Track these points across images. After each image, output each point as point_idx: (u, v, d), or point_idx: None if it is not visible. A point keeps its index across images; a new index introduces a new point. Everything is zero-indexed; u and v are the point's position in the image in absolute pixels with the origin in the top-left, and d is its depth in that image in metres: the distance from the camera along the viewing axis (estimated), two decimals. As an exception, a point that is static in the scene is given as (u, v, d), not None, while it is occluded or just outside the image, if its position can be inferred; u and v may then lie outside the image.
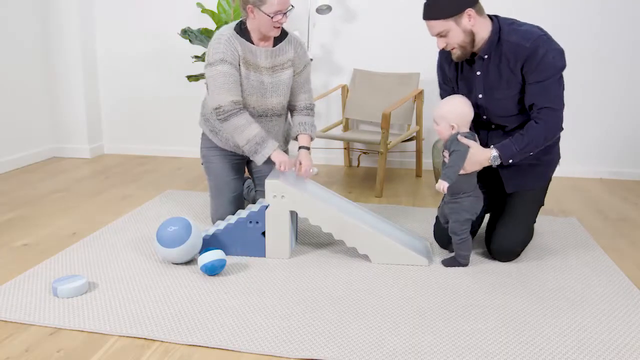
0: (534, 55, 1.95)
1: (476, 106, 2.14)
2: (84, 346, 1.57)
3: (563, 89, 2.02)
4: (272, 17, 2.18)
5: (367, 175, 3.67)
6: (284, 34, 2.38)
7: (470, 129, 2.10)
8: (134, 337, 1.62)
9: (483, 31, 2.00)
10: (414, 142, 3.84)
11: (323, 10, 3.49)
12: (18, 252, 2.25)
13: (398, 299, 1.86)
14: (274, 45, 2.34)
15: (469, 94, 2.14)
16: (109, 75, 4.16)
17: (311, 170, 2.32)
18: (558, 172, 3.70)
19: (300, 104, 2.47)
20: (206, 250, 2.01)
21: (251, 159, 2.20)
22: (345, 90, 3.72)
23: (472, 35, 1.99)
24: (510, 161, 2.04)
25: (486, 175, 2.30)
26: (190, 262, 2.15)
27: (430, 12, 1.95)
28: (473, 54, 2.07)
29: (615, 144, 3.63)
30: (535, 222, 2.30)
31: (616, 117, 3.58)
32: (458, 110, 2.03)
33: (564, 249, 2.33)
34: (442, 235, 2.32)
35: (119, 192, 3.15)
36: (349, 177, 3.61)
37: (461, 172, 2.02)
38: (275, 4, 2.16)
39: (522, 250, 2.18)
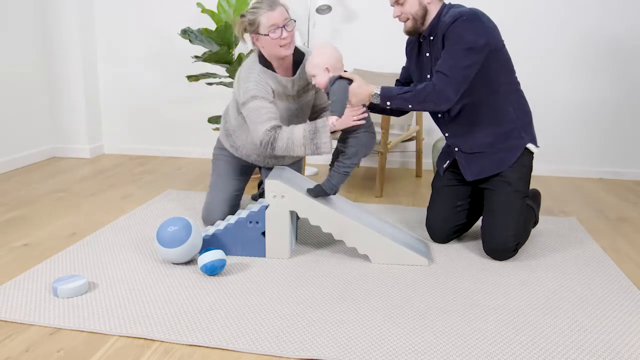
0: (449, 29, 2.04)
1: None
2: (84, 346, 1.57)
3: (468, 66, 2.00)
4: (269, 35, 2.14)
5: (367, 175, 3.67)
6: (301, 55, 2.34)
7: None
8: (134, 337, 1.62)
9: (433, 12, 2.14)
10: (414, 142, 3.84)
11: (323, 10, 3.49)
12: (18, 252, 2.25)
13: (398, 299, 1.86)
14: (293, 73, 2.33)
15: (422, 77, 2.26)
16: (109, 75, 4.16)
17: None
18: (558, 172, 3.71)
19: (322, 108, 2.53)
20: (206, 250, 2.01)
21: (322, 153, 2.15)
22: (345, 90, 3.71)
23: (424, 11, 2.13)
24: (388, 103, 2.09)
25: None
26: (190, 262, 2.15)
27: None
28: (422, 35, 2.20)
29: (615, 144, 3.63)
30: (529, 217, 2.30)
31: (616, 117, 3.59)
32: (327, 54, 2.09)
33: (563, 249, 2.33)
34: (437, 229, 2.33)
35: (119, 192, 3.15)
36: (349, 177, 3.61)
37: (348, 106, 2.08)
38: (265, 21, 2.13)
39: (516, 245, 2.16)
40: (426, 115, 3.75)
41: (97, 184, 3.33)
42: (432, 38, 2.15)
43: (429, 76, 2.21)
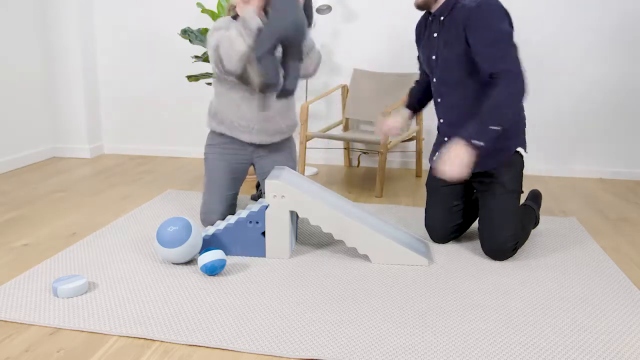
0: (474, 16, 1.99)
1: (429, 67, 2.23)
2: (84, 346, 1.57)
3: (512, 45, 1.97)
4: None
5: (367, 175, 3.67)
6: None
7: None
8: (134, 337, 1.62)
9: None
10: (414, 142, 3.84)
11: (323, 10, 3.49)
12: (18, 252, 2.25)
13: (398, 299, 1.86)
14: None
15: (426, 57, 2.23)
16: (108, 75, 4.16)
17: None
18: (558, 172, 3.71)
19: None
20: (206, 250, 2.01)
21: (255, 28, 2.19)
22: (345, 90, 3.72)
23: None
24: (482, 144, 1.92)
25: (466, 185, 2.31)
26: (190, 262, 2.15)
27: None
28: (432, 15, 2.17)
29: (615, 144, 3.63)
30: (529, 217, 2.30)
31: (616, 116, 3.59)
32: None
33: (563, 249, 2.33)
34: (436, 230, 2.33)
35: (119, 192, 3.15)
36: (349, 177, 3.61)
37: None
38: None
39: (514, 245, 2.16)
40: (426, 115, 3.75)
41: (97, 184, 3.33)
42: (442, 18, 2.12)
43: (434, 57, 2.17)
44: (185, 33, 3.32)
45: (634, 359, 1.53)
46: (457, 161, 1.92)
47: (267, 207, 2.14)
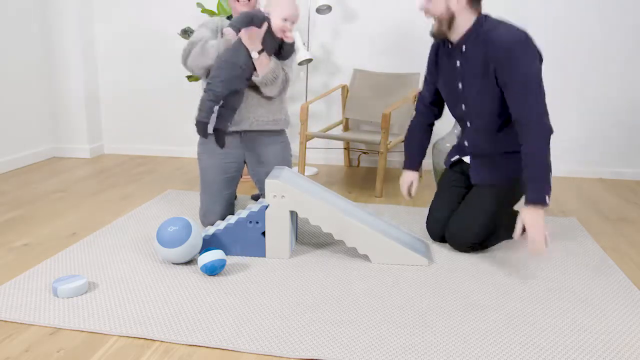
0: (506, 54, 1.96)
1: (457, 96, 2.20)
2: (84, 346, 1.57)
3: (543, 94, 1.98)
4: None
5: (367, 175, 3.67)
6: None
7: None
8: (134, 337, 1.62)
9: (464, 21, 2.05)
10: (414, 142, 3.84)
11: (323, 10, 3.49)
12: (18, 252, 2.25)
13: (398, 299, 1.86)
14: None
15: (449, 84, 2.20)
16: (109, 75, 4.16)
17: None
18: (558, 172, 3.71)
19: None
20: (206, 250, 2.01)
21: (227, 36, 2.27)
22: (345, 90, 3.72)
23: (451, 16, 2.04)
24: (548, 196, 1.94)
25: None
26: (190, 262, 2.15)
27: None
28: (452, 45, 2.13)
29: (615, 144, 3.63)
30: (502, 219, 2.27)
31: (616, 116, 3.59)
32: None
33: (563, 249, 2.33)
34: (437, 229, 2.33)
35: (119, 192, 3.15)
36: (349, 177, 3.61)
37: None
38: None
39: (475, 243, 2.19)
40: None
41: (97, 184, 3.33)
42: (463, 48, 2.08)
43: (460, 86, 2.15)
44: (186, 33, 3.32)
45: (634, 359, 1.53)
46: (540, 230, 1.92)
47: (267, 207, 2.14)
